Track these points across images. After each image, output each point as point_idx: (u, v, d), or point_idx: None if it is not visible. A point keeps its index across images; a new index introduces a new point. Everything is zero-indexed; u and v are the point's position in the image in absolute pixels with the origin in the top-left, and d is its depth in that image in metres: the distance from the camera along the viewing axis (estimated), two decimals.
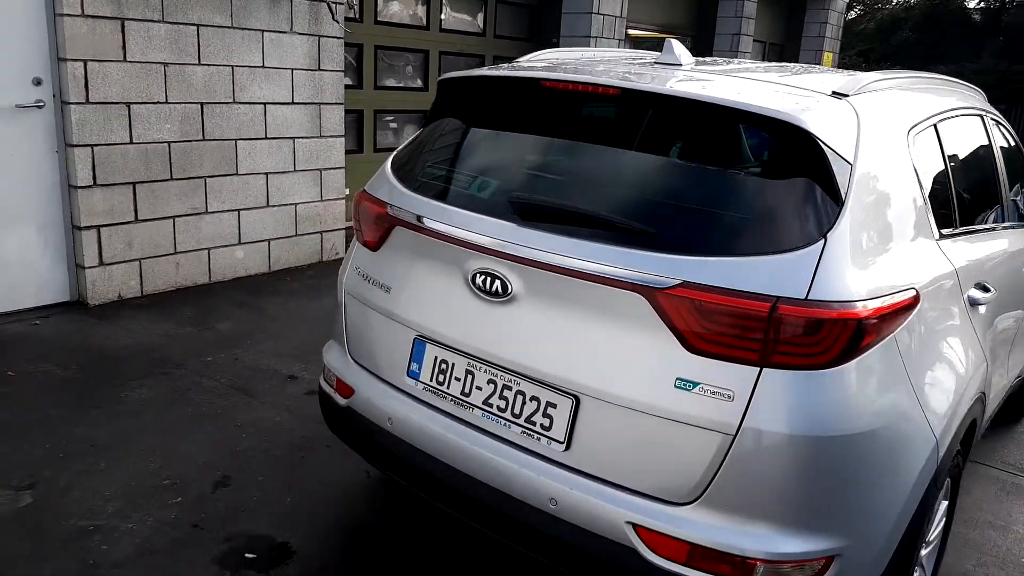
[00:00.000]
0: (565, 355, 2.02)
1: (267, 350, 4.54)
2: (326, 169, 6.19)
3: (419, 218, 2.30)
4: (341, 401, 2.57)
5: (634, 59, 2.72)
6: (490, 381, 2.17)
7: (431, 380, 2.30)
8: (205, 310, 5.11)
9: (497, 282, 2.09)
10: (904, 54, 26.10)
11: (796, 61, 13.25)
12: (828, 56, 13.26)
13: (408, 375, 2.36)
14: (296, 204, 6.06)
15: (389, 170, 2.60)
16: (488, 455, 2.13)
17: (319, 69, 5.95)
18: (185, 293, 5.40)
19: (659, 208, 2.04)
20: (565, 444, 2.03)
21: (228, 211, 5.63)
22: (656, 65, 2.48)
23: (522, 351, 2.09)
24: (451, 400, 2.25)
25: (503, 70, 2.50)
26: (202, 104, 5.29)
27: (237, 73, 5.44)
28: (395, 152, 2.71)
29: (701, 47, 11.27)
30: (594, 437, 1.99)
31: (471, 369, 2.21)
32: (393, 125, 7.70)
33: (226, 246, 5.66)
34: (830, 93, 2.14)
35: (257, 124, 5.65)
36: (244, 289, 5.59)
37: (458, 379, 2.24)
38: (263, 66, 5.59)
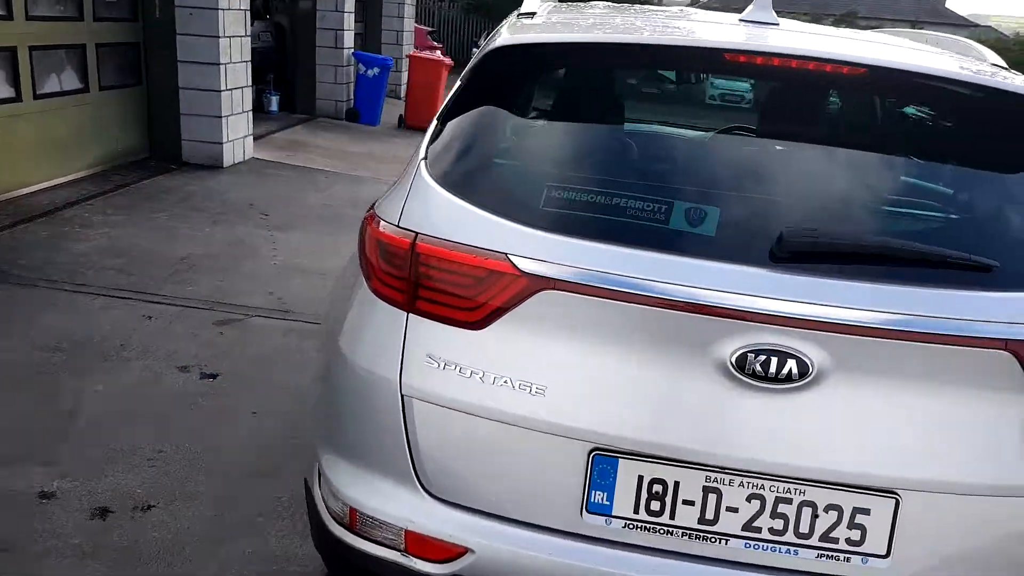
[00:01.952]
0: (881, 445, 1.50)
1: None
2: None
3: (603, 276, 1.47)
4: (435, 570, 1.62)
5: (710, 18, 2.09)
6: (753, 497, 1.53)
7: (638, 511, 1.55)
8: None
9: (791, 362, 1.44)
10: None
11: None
12: None
13: (589, 510, 1.56)
14: None
15: (449, 194, 1.63)
16: None
17: None
18: None
19: (985, 229, 1.58)
20: (889, 557, 1.52)
21: None
22: (746, 23, 1.92)
23: (817, 450, 1.50)
24: (683, 535, 1.55)
25: (605, 33, 1.70)
26: None
27: None
28: (434, 161, 1.71)
29: None
30: (925, 540, 1.54)
31: (714, 486, 1.53)
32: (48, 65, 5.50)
33: None
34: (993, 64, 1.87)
35: None
36: None
37: (690, 503, 1.54)
38: None
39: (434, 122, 1.79)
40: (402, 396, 1.62)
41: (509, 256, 1.53)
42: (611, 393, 1.52)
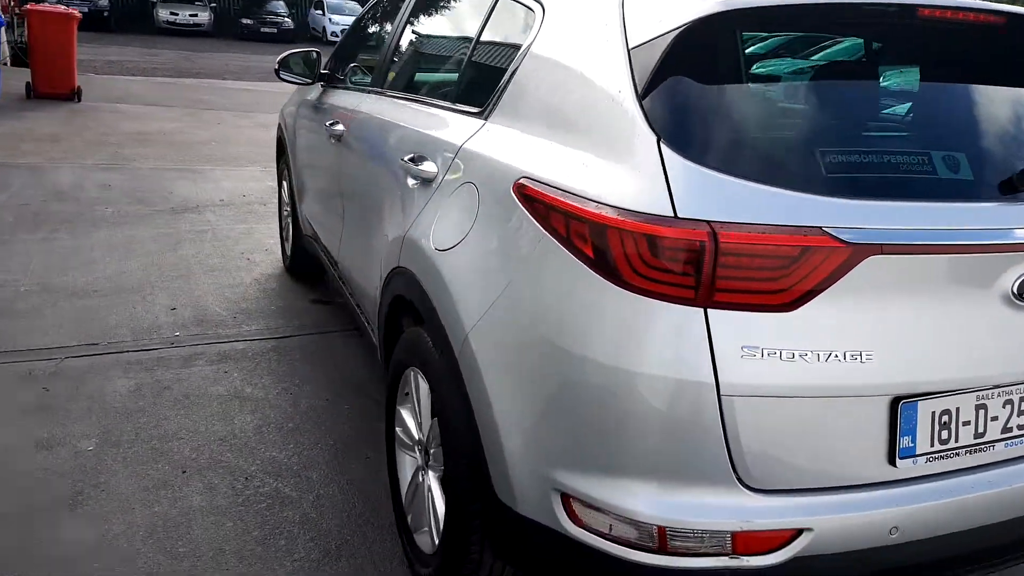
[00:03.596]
0: None
1: None
2: None
3: (918, 233, 1.53)
4: (772, 561, 1.58)
5: None
6: (1007, 403, 1.74)
7: (933, 445, 1.67)
8: None
9: None
10: None
11: None
12: None
13: (900, 456, 1.64)
14: None
15: (727, 175, 1.51)
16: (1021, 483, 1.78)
17: None
18: None
19: None
20: None
21: None
22: None
23: None
24: (965, 453, 1.71)
25: None
26: None
27: None
28: (677, 140, 1.54)
29: None
30: None
31: (983, 403, 1.72)
32: None
33: None
34: None
35: None
36: None
37: (967, 423, 1.71)
38: None
39: (632, 99, 1.61)
40: (719, 396, 1.51)
41: (824, 229, 1.49)
42: (918, 342, 1.60)
